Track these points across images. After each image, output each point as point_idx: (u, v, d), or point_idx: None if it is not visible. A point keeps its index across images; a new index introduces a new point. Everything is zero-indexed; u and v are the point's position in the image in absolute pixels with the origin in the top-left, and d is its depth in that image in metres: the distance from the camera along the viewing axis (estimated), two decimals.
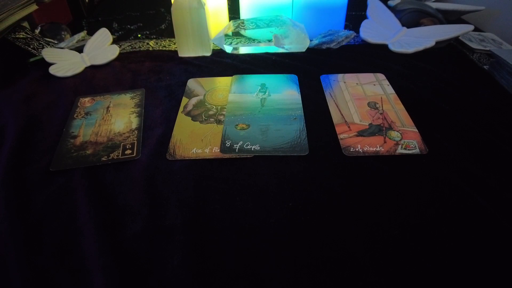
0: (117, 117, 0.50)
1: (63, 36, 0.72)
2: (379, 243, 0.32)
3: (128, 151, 0.43)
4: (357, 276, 0.30)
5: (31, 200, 0.38)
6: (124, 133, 0.46)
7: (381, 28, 0.70)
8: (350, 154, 0.42)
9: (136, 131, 0.47)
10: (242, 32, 0.62)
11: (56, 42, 0.70)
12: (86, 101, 0.53)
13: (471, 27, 0.65)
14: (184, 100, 0.53)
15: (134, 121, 0.49)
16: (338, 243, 0.33)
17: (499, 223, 0.34)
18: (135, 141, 0.45)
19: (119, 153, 0.43)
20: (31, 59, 0.64)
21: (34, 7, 0.67)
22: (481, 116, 0.48)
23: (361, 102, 0.51)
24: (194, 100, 0.53)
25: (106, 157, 0.43)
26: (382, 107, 0.50)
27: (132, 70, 0.61)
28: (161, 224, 0.35)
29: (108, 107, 0.52)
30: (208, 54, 0.65)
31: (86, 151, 0.44)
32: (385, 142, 0.43)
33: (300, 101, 0.51)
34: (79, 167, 0.41)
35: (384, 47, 0.66)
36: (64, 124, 0.48)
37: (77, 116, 0.50)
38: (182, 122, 0.48)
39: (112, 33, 0.70)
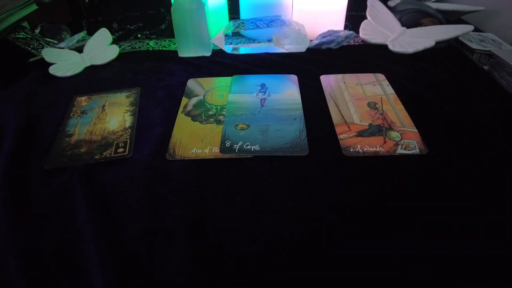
0: (112, 116, 0.50)
1: (63, 36, 0.72)
2: (379, 243, 0.32)
3: (121, 149, 0.43)
4: (357, 276, 0.30)
5: (30, 199, 0.38)
6: (117, 132, 0.47)
7: (381, 29, 0.70)
8: (350, 154, 0.42)
9: (129, 130, 0.47)
10: (242, 32, 0.62)
11: (56, 42, 0.70)
12: (82, 100, 0.53)
13: (471, 27, 0.65)
14: (184, 100, 0.53)
15: (128, 120, 0.49)
16: (338, 243, 0.33)
17: (499, 223, 0.34)
18: (128, 140, 0.45)
19: (111, 151, 0.43)
20: (31, 59, 0.64)
21: (34, 7, 0.67)
22: (481, 116, 0.48)
23: (361, 102, 0.51)
24: (194, 100, 0.53)
25: (99, 155, 0.43)
26: (382, 107, 0.50)
27: (132, 70, 0.61)
28: (160, 224, 0.35)
29: (103, 106, 0.52)
30: (208, 54, 0.65)
31: (80, 149, 0.44)
32: (385, 142, 0.43)
33: (300, 101, 0.51)
34: (76, 165, 0.41)
35: (384, 47, 0.66)
36: None
37: (73, 115, 0.50)
38: (182, 122, 0.48)
39: (112, 33, 0.70)
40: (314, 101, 0.52)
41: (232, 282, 0.30)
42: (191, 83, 0.57)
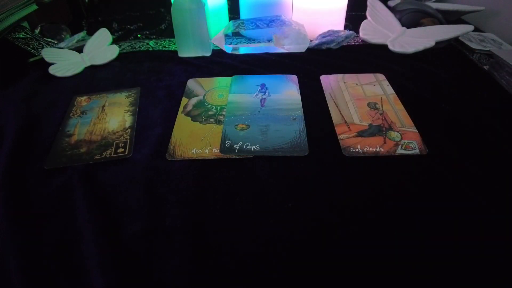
0: (112, 116, 0.50)
1: (63, 36, 0.72)
2: (379, 243, 0.32)
3: (121, 150, 0.43)
4: (357, 276, 0.30)
5: (30, 199, 0.38)
6: (117, 132, 0.47)
7: (381, 29, 0.70)
8: (350, 155, 0.42)
9: (129, 130, 0.47)
10: (242, 32, 0.62)
11: (56, 42, 0.70)
12: (82, 100, 0.54)
13: (471, 27, 0.65)
14: (184, 100, 0.53)
15: (128, 120, 0.49)
16: (338, 243, 0.33)
17: (499, 223, 0.34)
18: (128, 140, 0.45)
19: (111, 151, 0.43)
20: (31, 59, 0.64)
21: (34, 7, 0.67)
22: (481, 116, 0.48)
23: (361, 102, 0.51)
24: (194, 100, 0.53)
25: (99, 155, 0.43)
26: (382, 107, 0.50)
27: (132, 70, 0.61)
28: (160, 224, 0.35)
29: (103, 106, 0.52)
30: (208, 54, 0.65)
31: (80, 150, 0.44)
32: (385, 142, 0.43)
33: (300, 102, 0.51)
34: (76, 165, 0.41)
35: (384, 47, 0.66)
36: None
37: (73, 115, 0.50)
38: (182, 122, 0.48)
39: (112, 33, 0.70)
40: (314, 101, 0.52)
41: (232, 282, 0.30)
42: (191, 83, 0.57)
